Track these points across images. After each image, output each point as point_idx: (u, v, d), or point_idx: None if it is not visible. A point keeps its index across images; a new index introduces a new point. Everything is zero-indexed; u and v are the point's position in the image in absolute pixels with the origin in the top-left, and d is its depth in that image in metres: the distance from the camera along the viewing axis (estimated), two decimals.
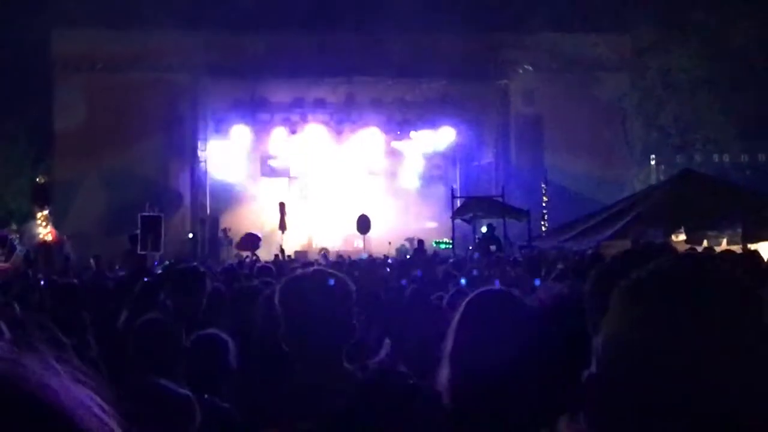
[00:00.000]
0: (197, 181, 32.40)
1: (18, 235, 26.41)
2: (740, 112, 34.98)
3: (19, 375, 0.90)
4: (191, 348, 4.71)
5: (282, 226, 29.12)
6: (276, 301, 3.21)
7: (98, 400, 0.95)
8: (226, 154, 33.31)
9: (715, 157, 38.04)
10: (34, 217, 27.52)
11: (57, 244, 24.66)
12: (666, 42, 35.01)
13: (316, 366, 3.06)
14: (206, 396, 4.18)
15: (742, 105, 34.68)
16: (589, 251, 20.11)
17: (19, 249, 25.89)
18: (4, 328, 5.04)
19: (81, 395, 0.93)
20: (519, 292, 2.93)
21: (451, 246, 27.05)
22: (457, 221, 27.07)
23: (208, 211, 32.50)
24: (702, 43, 34.83)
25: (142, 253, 23.12)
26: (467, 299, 2.80)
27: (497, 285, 5.81)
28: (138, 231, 24.61)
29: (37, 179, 29.55)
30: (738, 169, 37.29)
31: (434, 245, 28.39)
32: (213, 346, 4.82)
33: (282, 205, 29.67)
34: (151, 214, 26.08)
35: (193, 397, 3.70)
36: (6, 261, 20.71)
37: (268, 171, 34.20)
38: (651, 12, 33.47)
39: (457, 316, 2.76)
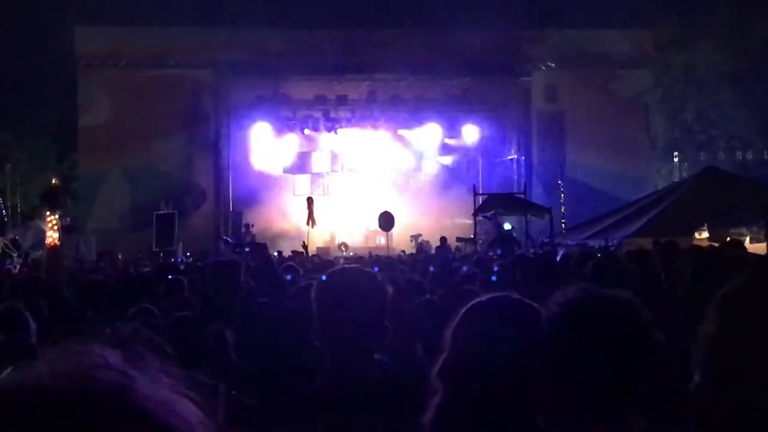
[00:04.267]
0: (220, 177, 32.50)
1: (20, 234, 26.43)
2: (764, 109, 34.75)
3: (128, 387, 0.91)
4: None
5: (309, 221, 29.13)
6: (312, 296, 3.25)
7: (203, 416, 0.96)
8: (248, 151, 33.38)
9: (739, 155, 37.82)
10: (42, 218, 27.51)
11: (58, 250, 24.76)
12: (689, 38, 34.82)
13: (346, 362, 3.10)
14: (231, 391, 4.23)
15: (766, 101, 34.46)
16: (612, 248, 20.12)
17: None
18: (30, 320, 5.13)
19: (188, 411, 0.94)
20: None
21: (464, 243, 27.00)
22: (479, 218, 27.02)
23: (231, 207, 32.60)
24: (725, 38, 34.61)
25: (157, 250, 23.28)
26: (476, 301, 2.79)
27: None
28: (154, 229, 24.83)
29: (53, 180, 29.56)
30: (761, 166, 37.04)
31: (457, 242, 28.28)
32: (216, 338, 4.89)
33: (310, 200, 29.68)
34: (166, 211, 26.22)
35: (223, 389, 3.75)
36: (24, 266, 20.74)
37: (291, 167, 34.22)
38: (673, 8, 33.29)
39: (461, 314, 2.76)
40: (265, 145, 33.47)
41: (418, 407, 2.70)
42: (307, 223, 29.21)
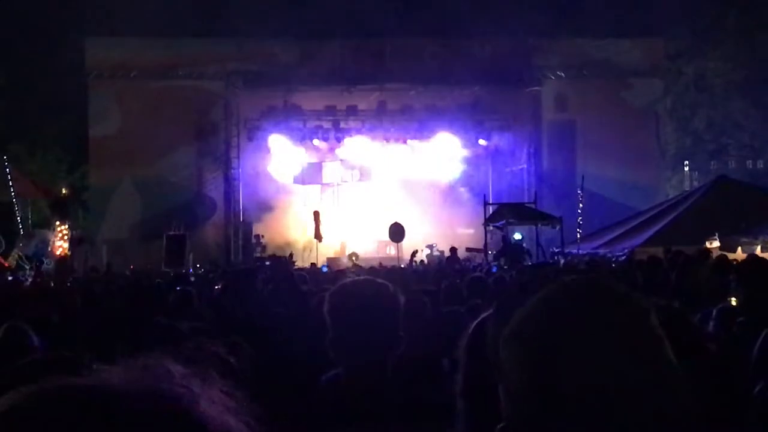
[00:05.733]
0: (230, 188, 32.50)
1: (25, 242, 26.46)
2: None
3: (191, 402, 0.93)
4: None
5: (317, 236, 29.10)
6: (325, 307, 3.24)
7: None
8: (259, 162, 33.35)
9: (749, 163, 37.76)
10: (51, 228, 27.58)
11: (68, 260, 24.84)
12: (700, 46, 34.80)
13: (360, 372, 3.09)
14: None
15: None
16: (622, 258, 20.08)
17: (46, 261, 25.97)
18: (34, 337, 5.11)
19: None
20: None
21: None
22: (490, 228, 26.97)
23: (241, 218, 32.58)
24: (736, 47, 34.59)
25: (166, 270, 23.32)
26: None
27: None
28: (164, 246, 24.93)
29: (62, 190, 29.66)
30: None
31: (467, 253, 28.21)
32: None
33: (316, 214, 29.63)
34: (177, 233, 26.27)
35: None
36: (37, 276, 20.77)
37: (301, 178, 34.18)
38: (684, 17, 33.28)
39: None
40: (275, 156, 33.44)
41: (431, 418, 2.69)
42: (315, 237, 29.22)
